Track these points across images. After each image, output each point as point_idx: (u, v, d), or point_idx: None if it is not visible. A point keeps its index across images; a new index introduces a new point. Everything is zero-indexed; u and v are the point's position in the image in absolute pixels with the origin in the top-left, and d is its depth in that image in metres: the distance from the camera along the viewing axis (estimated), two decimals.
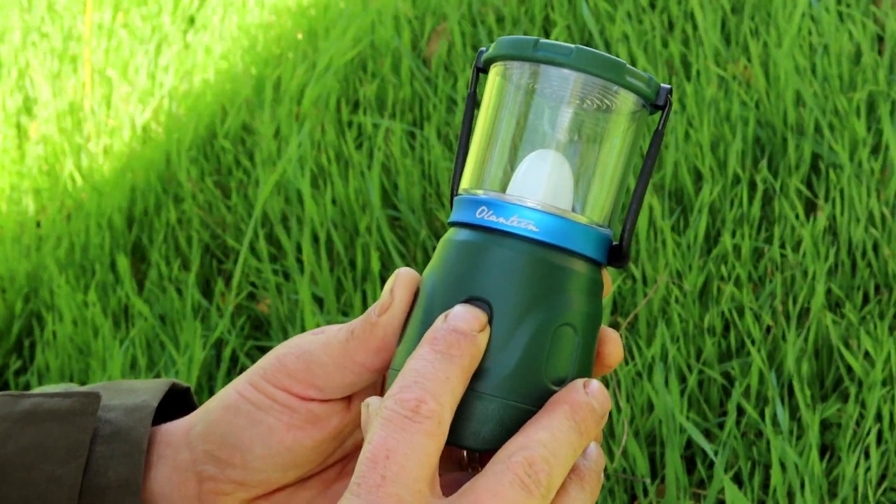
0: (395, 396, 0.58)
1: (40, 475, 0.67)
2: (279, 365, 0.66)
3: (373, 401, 0.61)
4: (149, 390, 0.71)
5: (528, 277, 0.61)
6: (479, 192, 0.64)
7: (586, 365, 0.63)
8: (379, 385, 0.68)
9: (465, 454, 0.67)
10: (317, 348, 0.65)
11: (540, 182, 0.63)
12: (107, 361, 1.78)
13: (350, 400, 0.67)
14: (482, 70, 0.66)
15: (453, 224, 0.64)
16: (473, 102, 0.67)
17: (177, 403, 0.74)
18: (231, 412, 0.66)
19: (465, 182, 0.65)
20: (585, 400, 0.60)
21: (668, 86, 0.64)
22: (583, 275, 0.62)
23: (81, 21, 2.86)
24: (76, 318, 1.89)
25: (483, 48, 0.67)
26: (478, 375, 0.60)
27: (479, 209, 0.62)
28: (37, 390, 0.72)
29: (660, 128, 0.64)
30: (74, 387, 0.72)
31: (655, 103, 0.64)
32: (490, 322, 0.60)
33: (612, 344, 0.65)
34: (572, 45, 0.62)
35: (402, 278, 0.64)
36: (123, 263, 1.97)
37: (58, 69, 2.70)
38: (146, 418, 0.68)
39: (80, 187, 2.28)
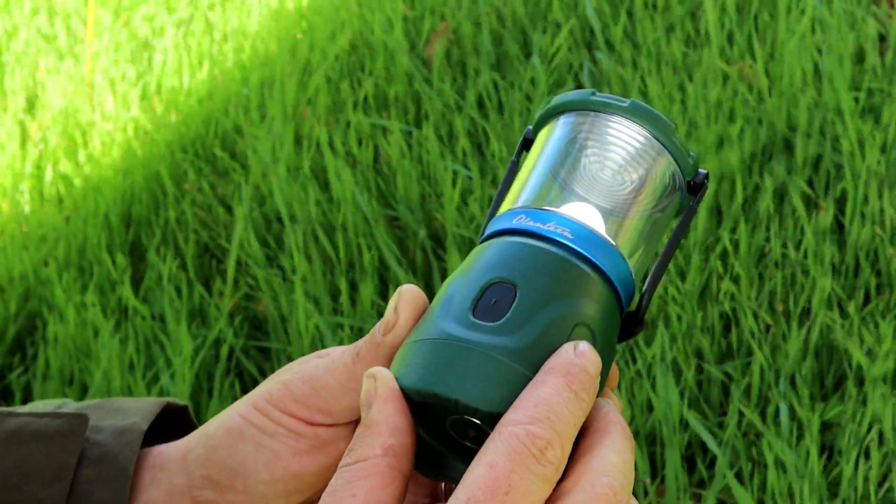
0: (525, 426, 0.56)
1: (23, 497, 0.65)
2: (285, 390, 0.64)
3: (379, 371, 0.59)
4: (140, 411, 0.69)
5: (557, 273, 0.61)
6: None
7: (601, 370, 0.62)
8: None
9: (442, 486, 0.66)
10: (322, 373, 0.64)
11: (578, 215, 0.64)
12: (105, 362, 1.77)
13: (357, 424, 0.66)
14: (528, 143, 0.68)
15: (484, 238, 0.64)
16: (515, 169, 0.67)
17: (174, 421, 0.73)
18: (234, 436, 0.65)
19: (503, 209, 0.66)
20: (623, 420, 0.60)
21: (706, 171, 0.65)
22: (606, 295, 0.62)
23: (83, 22, 2.86)
24: (75, 319, 1.88)
25: (529, 127, 0.68)
26: (498, 342, 0.59)
27: (518, 217, 0.63)
28: (28, 407, 0.70)
29: (693, 204, 0.65)
30: (70, 403, 0.71)
31: (693, 181, 0.65)
32: (513, 302, 0.60)
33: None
34: (628, 99, 0.64)
35: (406, 295, 0.63)
36: (122, 263, 1.97)
37: (59, 69, 2.69)
38: (134, 441, 0.67)
39: (78, 187, 2.28)
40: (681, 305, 1.64)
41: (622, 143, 0.64)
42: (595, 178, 0.64)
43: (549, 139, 0.66)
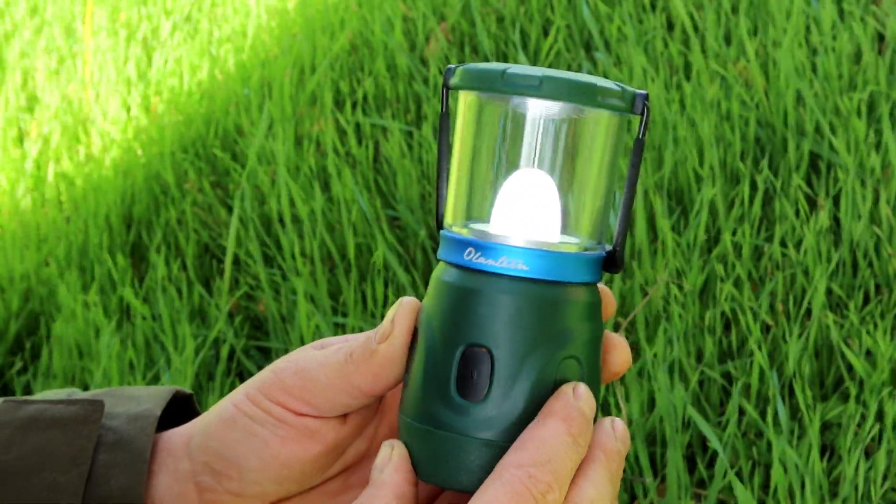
0: (527, 468, 0.58)
1: (42, 482, 0.66)
2: (276, 379, 0.65)
3: (397, 443, 0.62)
4: (152, 398, 0.70)
5: (524, 319, 0.60)
6: (464, 230, 0.63)
7: (594, 389, 0.62)
8: (374, 408, 0.67)
9: None
10: (315, 367, 0.65)
11: (524, 210, 0.62)
12: (106, 361, 1.77)
13: (346, 417, 0.66)
14: (450, 90, 0.65)
15: (443, 261, 0.63)
16: (447, 123, 0.66)
17: (180, 409, 0.73)
18: (227, 425, 0.66)
19: (449, 215, 0.64)
20: (616, 447, 0.60)
21: (644, 91, 0.63)
22: (578, 302, 0.61)
23: (81, 21, 2.86)
24: (77, 318, 1.89)
25: (451, 66, 0.65)
26: (484, 423, 0.60)
27: (467, 251, 0.61)
28: (39, 396, 0.71)
29: (640, 136, 0.63)
30: (78, 392, 0.72)
31: (633, 110, 0.63)
32: (493, 369, 0.60)
33: (619, 350, 0.64)
34: (539, 73, 0.60)
35: (405, 308, 0.63)
36: (123, 263, 1.97)
37: (59, 69, 2.70)
38: (149, 427, 0.68)
39: (79, 187, 2.28)
40: (681, 305, 1.65)
41: (550, 120, 0.62)
42: (537, 157, 0.63)
43: (474, 127, 0.64)
